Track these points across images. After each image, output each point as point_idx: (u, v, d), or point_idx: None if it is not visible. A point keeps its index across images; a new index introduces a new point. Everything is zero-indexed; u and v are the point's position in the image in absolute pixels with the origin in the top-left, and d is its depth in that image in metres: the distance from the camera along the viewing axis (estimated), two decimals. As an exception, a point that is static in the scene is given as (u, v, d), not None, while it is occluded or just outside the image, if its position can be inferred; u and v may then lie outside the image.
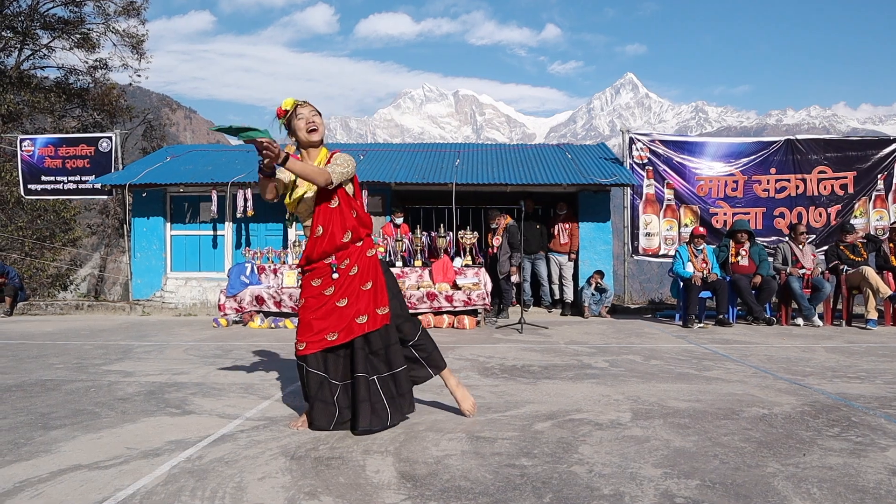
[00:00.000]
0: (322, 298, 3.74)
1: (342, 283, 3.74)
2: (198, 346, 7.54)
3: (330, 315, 3.72)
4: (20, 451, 3.48)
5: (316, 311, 3.73)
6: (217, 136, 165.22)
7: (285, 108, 3.82)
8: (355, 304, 3.73)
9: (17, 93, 23.26)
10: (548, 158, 13.21)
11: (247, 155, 13.49)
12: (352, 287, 3.74)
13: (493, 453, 3.31)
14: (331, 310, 3.72)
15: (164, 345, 7.69)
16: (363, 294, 3.75)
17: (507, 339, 8.23)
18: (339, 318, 3.71)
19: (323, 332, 3.71)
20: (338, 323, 3.71)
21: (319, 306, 3.73)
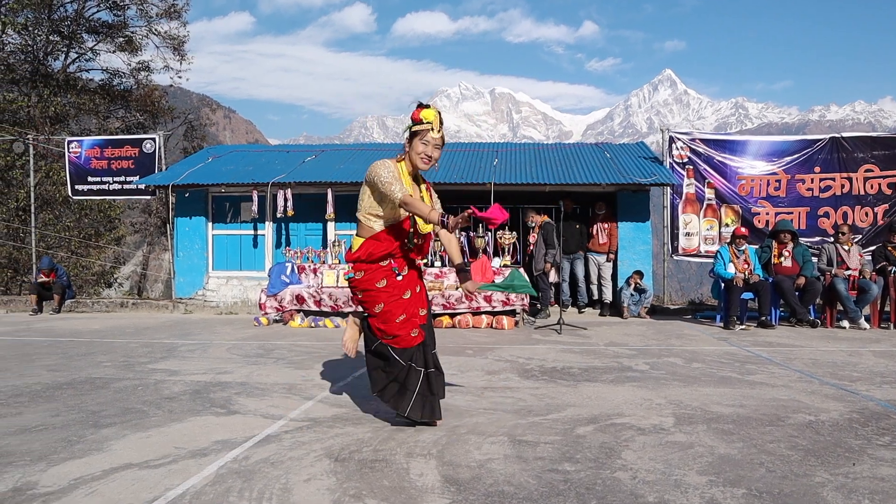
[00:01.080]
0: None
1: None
2: (240, 345, 7.65)
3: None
4: (73, 448, 3.58)
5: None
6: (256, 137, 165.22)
7: (424, 119, 3.86)
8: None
9: (63, 95, 23.81)
10: (586, 158, 13.12)
11: (286, 155, 13.65)
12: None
13: (535, 458, 3.32)
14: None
15: (207, 343, 7.82)
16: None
17: (546, 339, 8.21)
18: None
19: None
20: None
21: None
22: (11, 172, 20.38)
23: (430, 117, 3.85)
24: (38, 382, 5.44)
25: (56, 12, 23.58)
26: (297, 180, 11.63)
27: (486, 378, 5.53)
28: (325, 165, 12.67)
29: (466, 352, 7.10)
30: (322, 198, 11.51)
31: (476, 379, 5.49)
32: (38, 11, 22.80)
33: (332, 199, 11.43)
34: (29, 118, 22.39)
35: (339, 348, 7.26)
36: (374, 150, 14.37)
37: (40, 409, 4.47)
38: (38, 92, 23.19)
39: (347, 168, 12.31)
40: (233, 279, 12.38)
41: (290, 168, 12.42)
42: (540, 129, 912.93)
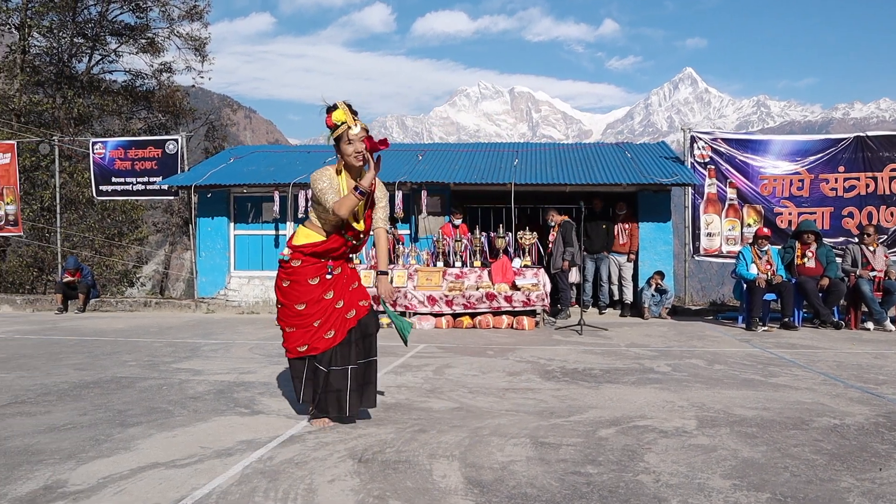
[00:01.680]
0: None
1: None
2: (262, 345, 7.72)
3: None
4: (101, 447, 3.63)
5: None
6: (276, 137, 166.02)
7: (338, 121, 3.94)
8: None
9: (87, 96, 24.10)
10: (607, 158, 13.08)
11: (307, 156, 13.73)
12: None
13: (558, 460, 3.33)
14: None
15: (229, 343, 7.89)
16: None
17: (567, 340, 8.20)
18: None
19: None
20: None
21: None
22: (36, 173, 20.66)
23: (341, 117, 3.95)
24: (66, 381, 5.52)
25: (80, 15, 23.87)
26: (318, 181, 11.69)
27: (508, 379, 5.54)
28: (345, 166, 12.72)
29: (487, 352, 7.11)
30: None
31: (497, 380, 5.50)
32: (63, 14, 23.10)
33: (353, 200, 11.47)
34: (54, 119, 22.69)
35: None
36: (393, 150, 14.41)
37: (68, 408, 4.54)
38: (62, 93, 23.49)
39: (368, 168, 12.36)
40: (254, 279, 12.48)
41: (311, 168, 12.46)
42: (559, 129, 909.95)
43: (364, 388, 4.10)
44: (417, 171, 12.04)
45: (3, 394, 5.04)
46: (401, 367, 6.18)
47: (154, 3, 24.65)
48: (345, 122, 3.94)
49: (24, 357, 6.86)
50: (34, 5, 22.32)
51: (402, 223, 11.73)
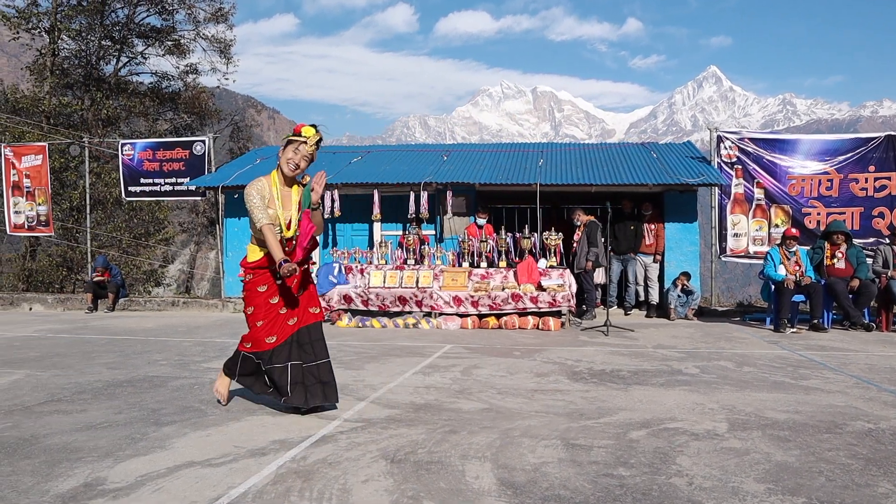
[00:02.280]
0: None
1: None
2: (290, 345, 7.77)
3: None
4: (137, 445, 3.69)
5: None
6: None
7: (304, 133, 4.30)
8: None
9: (115, 98, 24.43)
10: (632, 158, 13.02)
11: (333, 156, 13.79)
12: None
13: (589, 462, 3.33)
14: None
15: (258, 343, 7.95)
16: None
17: (593, 341, 8.18)
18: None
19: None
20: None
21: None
22: (65, 174, 20.97)
23: (309, 133, 4.30)
24: (99, 380, 5.61)
25: (108, 18, 24.18)
26: (343, 181, 11.76)
27: (536, 380, 5.54)
28: (371, 166, 12.79)
29: (514, 353, 7.12)
30: (368, 198, 11.62)
31: (525, 381, 5.51)
32: (91, 17, 23.41)
33: (378, 200, 11.53)
34: (82, 121, 23.02)
35: (388, 349, 7.36)
36: (419, 150, 14.46)
37: (103, 407, 4.62)
38: (90, 95, 23.82)
39: (393, 169, 12.41)
40: (281, 279, 12.57)
41: (336, 169, 12.56)
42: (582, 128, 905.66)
43: (324, 386, 4.37)
44: (443, 171, 12.07)
45: (40, 392, 5.13)
46: (428, 367, 6.21)
47: (180, 5, 24.92)
48: (307, 138, 4.28)
49: (58, 356, 6.97)
50: (63, 9, 22.65)
51: (427, 223, 11.76)
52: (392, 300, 9.84)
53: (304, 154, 4.28)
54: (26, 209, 14.64)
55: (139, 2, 24.32)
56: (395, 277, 10.25)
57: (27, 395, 5.01)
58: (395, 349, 7.44)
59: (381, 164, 12.86)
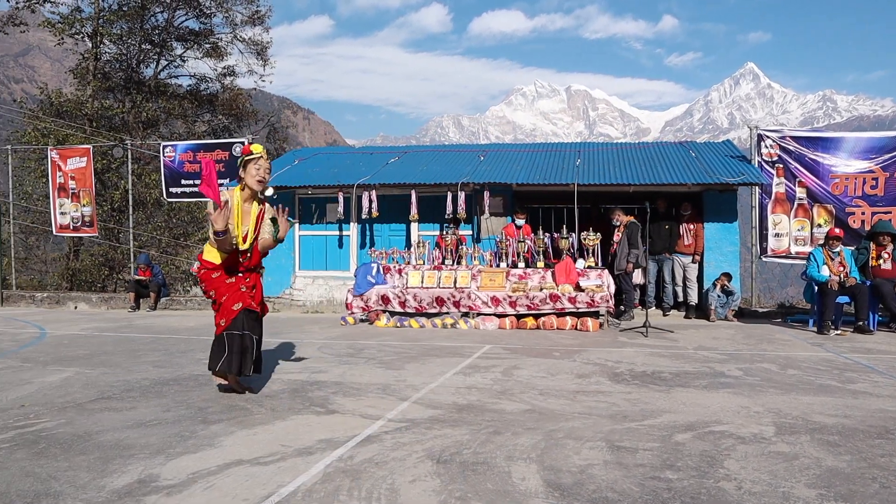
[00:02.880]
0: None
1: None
2: (330, 345, 7.85)
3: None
4: (187, 443, 3.77)
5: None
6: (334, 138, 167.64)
7: (255, 151, 4.92)
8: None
9: (154, 100, 24.85)
10: (671, 157, 12.88)
11: (370, 157, 13.89)
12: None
13: (635, 464, 3.32)
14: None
15: (298, 342, 8.05)
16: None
17: (633, 342, 8.13)
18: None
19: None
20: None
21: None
22: (107, 175, 21.37)
23: (259, 150, 4.94)
24: (147, 378, 5.73)
25: (148, 22, 24.61)
26: (381, 182, 11.83)
27: (577, 381, 5.53)
28: (408, 167, 12.84)
29: (553, 354, 7.11)
30: (405, 199, 11.67)
31: (567, 382, 5.50)
32: (132, 22, 23.85)
33: (415, 201, 11.58)
34: (123, 123, 23.46)
35: (427, 349, 7.39)
36: (455, 150, 14.48)
37: (152, 404, 4.72)
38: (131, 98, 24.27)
39: (430, 169, 12.45)
40: (318, 279, 12.69)
41: (373, 170, 12.63)
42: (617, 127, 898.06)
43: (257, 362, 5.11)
44: (479, 171, 12.07)
45: (90, 389, 5.26)
46: (468, 368, 6.23)
47: (218, 8, 25.25)
48: (260, 153, 4.90)
49: (105, 354, 7.12)
50: (105, 14, 23.11)
51: (464, 224, 11.76)
52: (430, 301, 9.88)
53: (265, 168, 4.91)
54: (71, 210, 14.97)
55: (178, 6, 24.71)
56: (433, 278, 10.29)
57: (78, 393, 5.13)
58: (434, 349, 7.47)
59: (418, 165, 12.90)
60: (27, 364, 6.51)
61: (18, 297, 14.50)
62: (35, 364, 6.50)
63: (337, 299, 12.27)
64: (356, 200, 12.13)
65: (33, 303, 14.17)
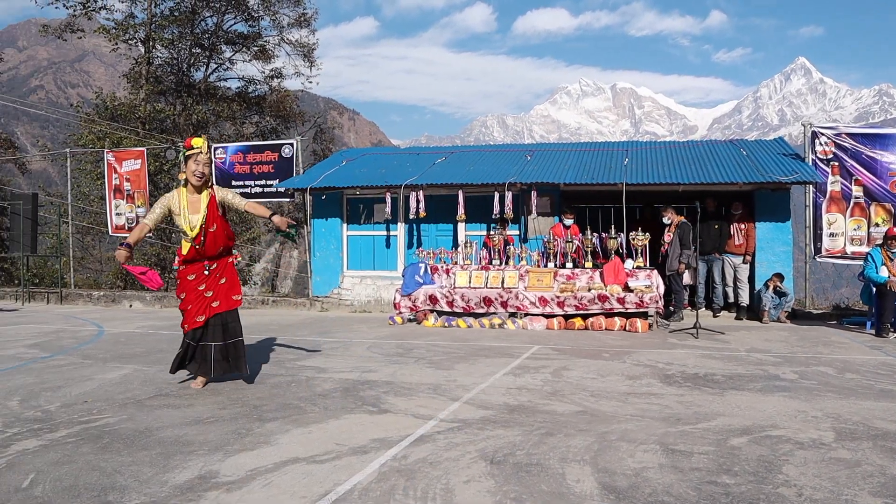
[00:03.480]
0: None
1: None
2: (379, 344, 7.92)
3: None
4: (244, 440, 3.85)
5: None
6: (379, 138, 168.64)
7: (195, 145, 5.24)
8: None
9: (204, 103, 25.35)
10: (721, 155, 12.66)
11: (416, 157, 13.95)
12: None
13: (691, 468, 3.29)
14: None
15: (347, 342, 8.14)
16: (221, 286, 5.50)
17: (683, 343, 8.02)
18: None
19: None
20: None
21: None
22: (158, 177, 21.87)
23: (199, 143, 5.24)
24: (202, 376, 5.84)
25: (198, 26, 25.11)
26: (428, 182, 11.88)
27: (628, 383, 5.49)
28: (455, 167, 12.86)
29: (603, 355, 7.06)
30: (452, 199, 11.70)
31: (618, 384, 5.46)
32: (183, 26, 24.36)
33: (462, 201, 11.60)
34: (174, 126, 23.98)
35: (476, 349, 7.41)
36: (501, 150, 14.46)
37: (208, 402, 4.82)
38: (182, 101, 24.80)
39: (477, 169, 12.45)
40: (366, 279, 12.80)
41: (421, 170, 12.68)
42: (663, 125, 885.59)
43: (235, 360, 5.44)
44: (526, 171, 12.04)
45: (149, 386, 5.40)
46: (518, 368, 6.22)
47: (265, 11, 25.65)
48: (200, 148, 5.22)
49: (161, 352, 7.30)
50: (157, 20, 23.65)
51: (511, 224, 11.74)
52: (477, 301, 9.89)
53: (204, 162, 5.24)
54: (126, 211, 15.36)
55: (227, 9, 25.15)
56: (481, 278, 10.30)
57: (137, 389, 5.28)
58: (482, 349, 7.48)
59: (465, 165, 12.92)
60: (87, 361, 6.71)
61: (76, 295, 14.93)
62: (95, 361, 6.69)
63: (384, 299, 12.35)
64: (403, 201, 12.20)
65: (90, 301, 14.57)
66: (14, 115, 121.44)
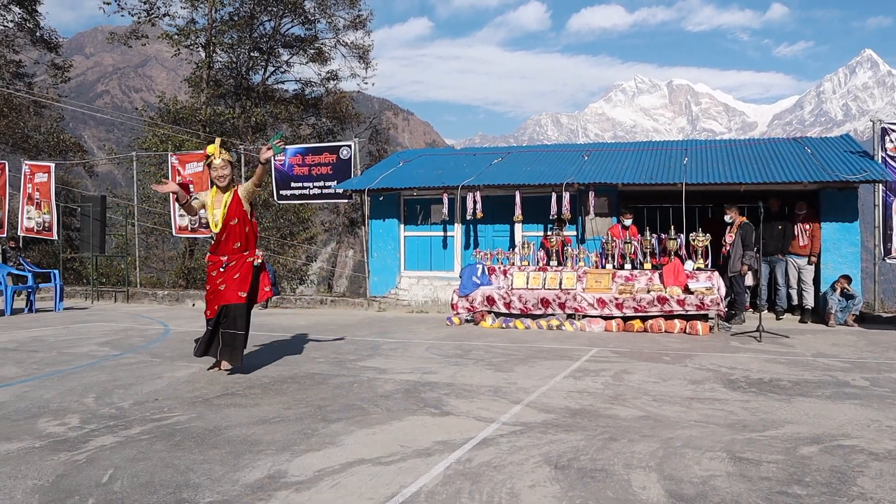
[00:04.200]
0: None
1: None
2: (438, 345, 7.97)
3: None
4: (310, 441, 3.92)
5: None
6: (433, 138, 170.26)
7: (208, 152, 5.91)
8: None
9: (262, 105, 25.87)
10: (784, 154, 12.35)
11: (473, 158, 13.98)
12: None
13: (760, 477, 3.24)
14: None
15: (406, 343, 8.21)
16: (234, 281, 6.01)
17: (746, 347, 7.87)
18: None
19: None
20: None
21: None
22: (220, 177, 22.37)
23: (212, 150, 5.91)
24: (266, 375, 5.98)
25: (256, 31, 25.63)
26: (485, 183, 11.89)
27: (691, 388, 5.41)
28: (511, 167, 12.85)
29: (664, 358, 6.97)
30: (509, 199, 11.70)
31: (680, 388, 5.39)
32: (242, 31, 24.89)
33: (519, 202, 11.58)
34: (234, 128, 24.51)
35: (534, 351, 7.40)
36: (558, 150, 14.39)
37: (274, 402, 4.93)
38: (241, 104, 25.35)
39: (534, 170, 12.42)
40: (423, 279, 12.88)
41: (477, 171, 12.71)
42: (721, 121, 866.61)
43: (232, 351, 5.94)
44: (584, 171, 11.96)
45: (216, 385, 5.54)
46: (578, 371, 6.20)
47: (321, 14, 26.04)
48: (212, 155, 5.88)
49: (226, 351, 7.46)
50: (217, 25, 24.22)
51: (569, 224, 11.67)
52: (535, 302, 9.86)
53: (218, 166, 5.91)
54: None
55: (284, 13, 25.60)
56: (538, 279, 10.27)
57: (205, 388, 5.42)
58: (541, 351, 7.47)
59: (522, 165, 12.89)
60: (156, 359, 6.93)
61: (142, 294, 15.40)
62: (163, 359, 6.90)
63: (442, 299, 12.42)
64: (460, 201, 12.24)
65: (155, 300, 15.01)
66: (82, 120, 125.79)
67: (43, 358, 7.06)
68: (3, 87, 23.68)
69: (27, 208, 17.04)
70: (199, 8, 24.33)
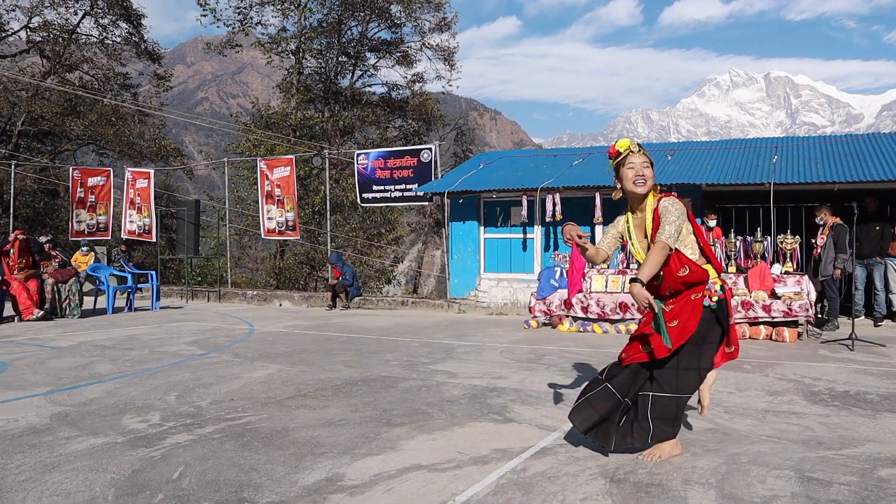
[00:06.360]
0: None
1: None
2: (512, 349, 7.95)
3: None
4: (371, 445, 3.99)
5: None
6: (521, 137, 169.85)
7: (618, 149, 3.88)
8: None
9: (350, 109, 26.45)
10: (885, 149, 11.69)
11: (553, 159, 13.88)
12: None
13: (828, 500, 3.09)
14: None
15: (480, 346, 8.23)
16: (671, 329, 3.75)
17: (835, 356, 7.50)
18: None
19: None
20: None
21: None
22: (308, 180, 23.00)
23: (625, 146, 3.86)
24: (338, 377, 6.11)
25: (344, 36, 26.21)
26: (564, 185, 11.79)
27: (768, 399, 5.21)
28: (591, 169, 12.69)
29: (744, 367, 6.73)
30: (589, 201, 11.55)
31: (756, 400, 5.20)
32: (330, 37, 25.51)
33: (599, 203, 11.42)
34: (322, 132, 25.15)
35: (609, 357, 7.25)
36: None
37: (341, 404, 5.03)
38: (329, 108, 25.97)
39: (614, 171, 12.22)
40: (503, 281, 12.87)
41: (557, 172, 12.61)
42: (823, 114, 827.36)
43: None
44: (667, 171, 11.68)
45: (289, 386, 5.70)
46: (650, 379, 6.05)
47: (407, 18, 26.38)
48: (627, 149, 3.84)
49: (304, 352, 7.68)
50: (307, 31, 24.90)
51: (650, 226, 11.41)
52: (613, 306, 9.69)
53: (639, 163, 3.83)
54: (277, 216, 16.26)
55: (371, 18, 26.07)
56: (617, 282, 10.09)
57: (279, 389, 5.59)
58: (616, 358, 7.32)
59: (602, 166, 12.62)
60: (237, 359, 7.18)
61: (233, 294, 15.99)
62: (244, 360, 7.15)
63: (520, 301, 12.38)
64: (540, 203, 12.16)
65: (245, 300, 15.56)
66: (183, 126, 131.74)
67: (136, 356, 7.43)
68: (112, 98, 25.06)
69: (129, 212, 18.01)
70: (289, 16, 25.13)
